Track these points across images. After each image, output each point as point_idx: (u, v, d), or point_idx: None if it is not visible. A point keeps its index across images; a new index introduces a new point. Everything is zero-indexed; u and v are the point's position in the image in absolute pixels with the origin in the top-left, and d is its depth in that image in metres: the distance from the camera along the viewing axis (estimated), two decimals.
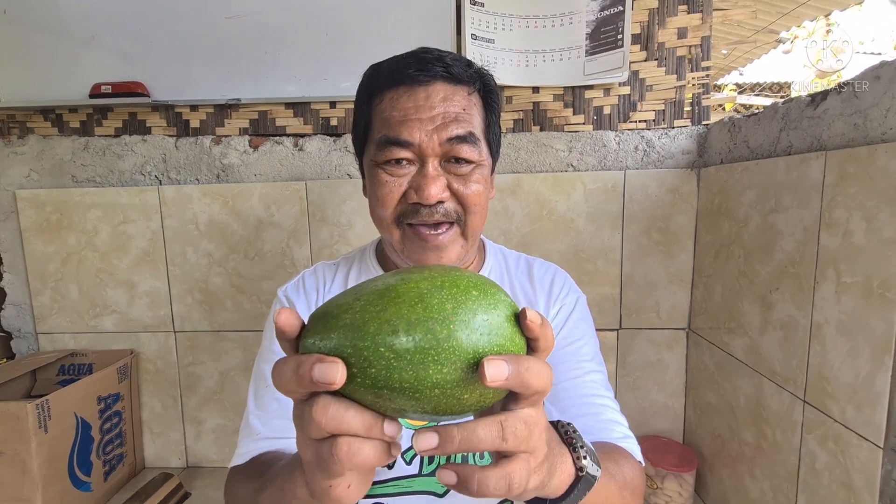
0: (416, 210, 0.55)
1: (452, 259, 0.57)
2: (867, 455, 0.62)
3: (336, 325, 0.29)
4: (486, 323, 0.29)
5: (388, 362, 0.27)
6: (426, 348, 0.27)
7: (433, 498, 0.59)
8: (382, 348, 0.27)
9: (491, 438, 0.29)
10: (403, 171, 0.55)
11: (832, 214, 0.67)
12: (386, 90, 0.56)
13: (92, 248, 1.14)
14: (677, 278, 1.10)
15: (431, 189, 0.53)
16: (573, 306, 0.66)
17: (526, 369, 0.28)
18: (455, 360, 0.28)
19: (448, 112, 0.54)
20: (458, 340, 0.28)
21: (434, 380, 0.27)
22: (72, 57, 1.11)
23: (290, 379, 0.28)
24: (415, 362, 0.27)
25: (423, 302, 0.28)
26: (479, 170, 0.57)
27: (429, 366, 0.27)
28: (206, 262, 1.14)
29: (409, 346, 0.27)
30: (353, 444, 0.28)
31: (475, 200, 0.56)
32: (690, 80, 1.10)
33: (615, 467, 0.48)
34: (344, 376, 0.27)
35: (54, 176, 1.15)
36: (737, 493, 0.92)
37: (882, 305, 0.59)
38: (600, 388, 0.61)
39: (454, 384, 0.28)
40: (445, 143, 0.54)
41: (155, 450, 1.21)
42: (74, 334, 1.18)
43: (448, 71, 0.55)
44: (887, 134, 0.60)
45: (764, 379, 0.83)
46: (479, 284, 0.31)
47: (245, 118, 1.15)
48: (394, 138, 0.54)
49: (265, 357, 0.64)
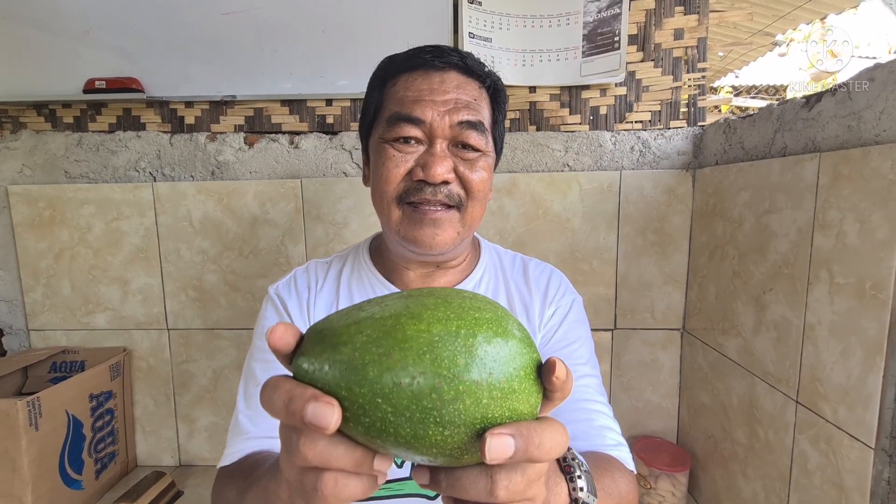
0: (419, 188, 0.55)
1: (447, 240, 0.57)
2: (858, 455, 0.62)
3: (333, 357, 0.26)
4: (501, 386, 0.26)
5: (385, 415, 0.25)
6: (429, 408, 0.24)
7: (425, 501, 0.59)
8: (380, 399, 0.24)
9: (476, 491, 0.27)
10: (411, 150, 0.56)
11: (826, 216, 0.68)
12: (401, 73, 0.58)
13: (85, 245, 1.14)
14: (672, 279, 1.11)
15: (439, 168, 0.54)
16: (569, 308, 0.66)
17: (538, 445, 0.26)
18: (459, 423, 0.25)
19: (460, 98, 0.55)
20: (465, 404, 0.25)
21: (433, 440, 0.25)
22: (66, 52, 1.10)
23: (280, 410, 0.26)
24: (414, 420, 0.25)
25: (433, 352, 0.25)
26: (484, 158, 0.58)
27: (429, 426, 0.25)
28: (200, 260, 1.13)
29: (409, 403, 0.24)
30: (340, 479, 0.27)
31: (479, 187, 0.57)
32: (686, 81, 1.10)
33: (611, 483, 0.48)
34: (338, 422, 0.25)
35: (47, 171, 1.14)
36: (729, 493, 0.93)
37: (874, 306, 0.59)
38: (594, 392, 0.61)
39: (454, 447, 0.25)
40: (456, 126, 0.55)
41: (147, 448, 1.21)
42: (66, 331, 1.17)
43: (463, 61, 0.57)
44: (881, 136, 0.61)
45: (757, 379, 0.84)
46: (499, 333, 0.27)
47: (240, 115, 1.15)
48: (406, 115, 0.54)
49: (255, 356, 0.63)
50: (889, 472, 0.58)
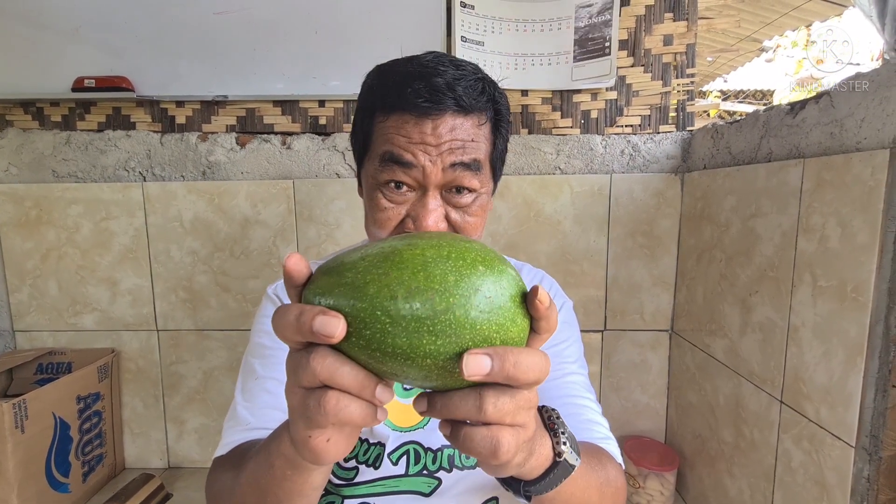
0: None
1: None
2: (840, 454, 0.64)
3: (338, 282, 0.29)
4: (488, 300, 0.28)
5: (384, 326, 0.27)
6: (422, 318, 0.27)
7: (419, 497, 0.60)
8: (379, 312, 0.27)
9: (467, 408, 0.29)
10: (402, 199, 0.54)
11: (809, 220, 0.69)
12: (392, 112, 0.54)
13: (72, 245, 1.12)
14: (661, 281, 1.12)
15: (429, 220, 0.53)
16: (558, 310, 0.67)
17: (514, 364, 0.28)
18: (451, 333, 0.27)
19: (455, 140, 0.53)
20: (455, 315, 0.27)
21: (427, 350, 0.27)
22: (54, 49, 1.09)
23: (290, 324, 0.28)
24: (409, 330, 0.27)
25: (426, 271, 0.28)
26: (478, 199, 0.56)
27: (423, 335, 0.27)
28: (190, 260, 1.13)
29: (405, 313, 0.27)
30: (342, 399, 0.29)
31: (471, 231, 0.56)
32: (676, 86, 1.12)
33: (598, 465, 0.49)
34: (344, 331, 0.27)
35: (34, 170, 1.13)
36: (716, 491, 0.94)
37: (855, 309, 0.61)
38: (582, 389, 0.62)
39: (447, 357, 0.28)
40: (448, 168, 0.53)
41: (136, 450, 1.19)
42: (53, 332, 1.15)
43: (458, 103, 0.53)
44: (861, 143, 0.62)
45: (743, 380, 0.85)
46: (486, 259, 0.30)
47: (232, 115, 1.14)
48: (397, 157, 0.52)
49: (255, 353, 0.63)
50: (869, 470, 0.60)
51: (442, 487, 0.59)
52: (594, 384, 1.16)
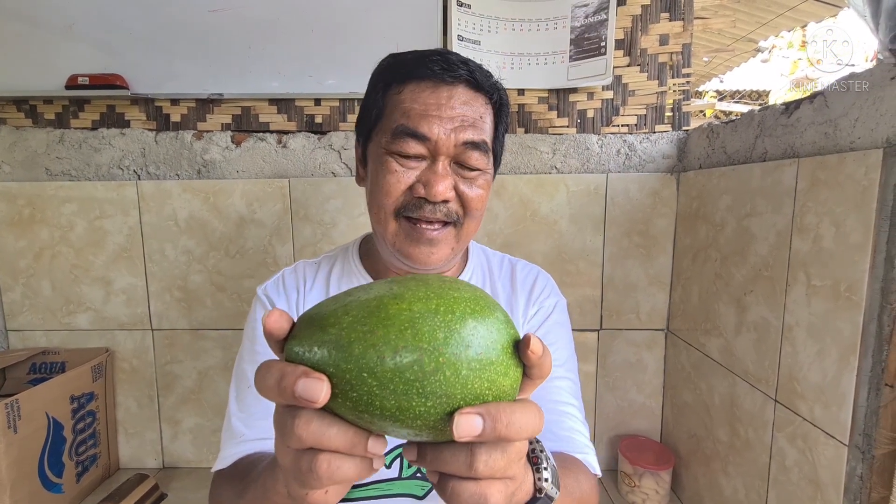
0: (419, 204, 0.55)
1: (441, 257, 0.57)
2: (833, 452, 0.64)
3: (322, 338, 0.27)
4: (479, 357, 0.27)
5: (371, 389, 0.26)
6: (411, 380, 0.26)
7: (413, 501, 0.60)
8: (366, 373, 0.26)
9: (457, 465, 0.28)
10: (414, 165, 0.55)
11: (803, 220, 0.70)
12: (408, 81, 0.56)
13: (66, 244, 1.11)
14: (657, 280, 1.12)
15: (440, 186, 0.54)
16: (551, 309, 0.67)
17: (507, 424, 0.27)
18: (441, 394, 0.26)
19: (467, 116, 0.55)
20: (445, 375, 0.26)
21: (417, 411, 0.26)
22: (47, 46, 1.08)
23: (272, 388, 0.27)
24: (398, 392, 0.26)
25: (414, 328, 0.27)
26: (483, 177, 0.58)
27: (412, 397, 0.26)
28: (185, 260, 1.12)
29: (393, 375, 0.26)
30: (334, 461, 0.28)
31: (477, 205, 0.57)
32: (671, 86, 1.12)
33: (574, 483, 0.49)
34: (328, 396, 0.26)
35: (27, 168, 1.12)
36: (711, 490, 0.95)
37: (849, 308, 0.61)
38: (566, 394, 0.61)
39: (437, 417, 0.27)
40: (460, 145, 0.54)
41: (130, 450, 1.19)
42: (46, 332, 1.14)
43: (472, 76, 0.56)
44: (855, 143, 0.63)
45: (738, 379, 0.86)
46: (476, 310, 0.29)
47: (227, 113, 1.14)
48: (412, 130, 0.54)
49: (246, 357, 0.63)
50: (862, 469, 0.60)
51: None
52: (590, 384, 1.16)
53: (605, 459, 1.18)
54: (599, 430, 1.17)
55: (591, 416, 1.17)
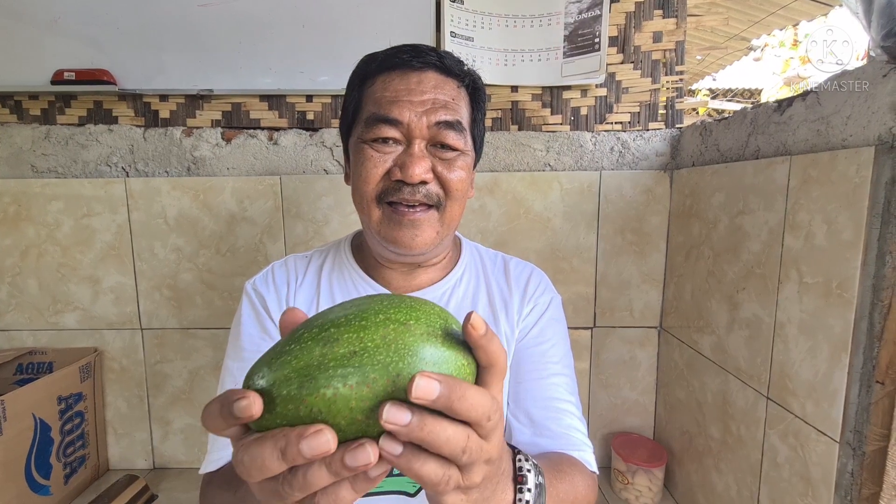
0: (398, 188, 0.55)
1: (426, 240, 0.57)
2: (824, 449, 0.64)
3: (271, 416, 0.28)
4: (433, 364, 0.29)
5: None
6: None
7: (404, 497, 0.59)
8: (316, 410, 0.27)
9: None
10: (389, 150, 0.56)
11: (796, 217, 0.70)
12: (379, 74, 0.58)
13: (53, 242, 1.10)
14: (650, 278, 1.13)
15: (416, 168, 0.54)
16: (546, 306, 0.67)
17: (460, 397, 0.27)
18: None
19: (438, 98, 0.56)
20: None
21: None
22: (32, 41, 1.06)
23: (275, 462, 0.26)
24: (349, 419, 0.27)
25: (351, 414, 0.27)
26: (462, 158, 0.58)
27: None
28: (175, 258, 1.11)
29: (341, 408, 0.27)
30: (329, 492, 0.27)
31: (457, 186, 0.57)
32: (665, 83, 1.12)
33: (569, 488, 0.49)
34: (333, 439, 0.26)
35: (12, 165, 1.10)
36: (703, 487, 0.95)
37: (840, 305, 0.61)
38: (563, 391, 0.61)
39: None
40: (434, 126, 0.55)
41: (120, 451, 1.17)
42: (33, 331, 1.13)
43: (441, 62, 0.57)
44: (847, 141, 0.63)
45: (730, 376, 0.86)
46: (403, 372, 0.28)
47: (218, 110, 1.12)
48: (383, 116, 0.54)
49: (232, 354, 0.62)
50: (853, 465, 0.61)
51: None
52: (583, 381, 1.16)
53: (599, 457, 1.18)
54: (593, 427, 1.17)
55: (585, 414, 1.17)
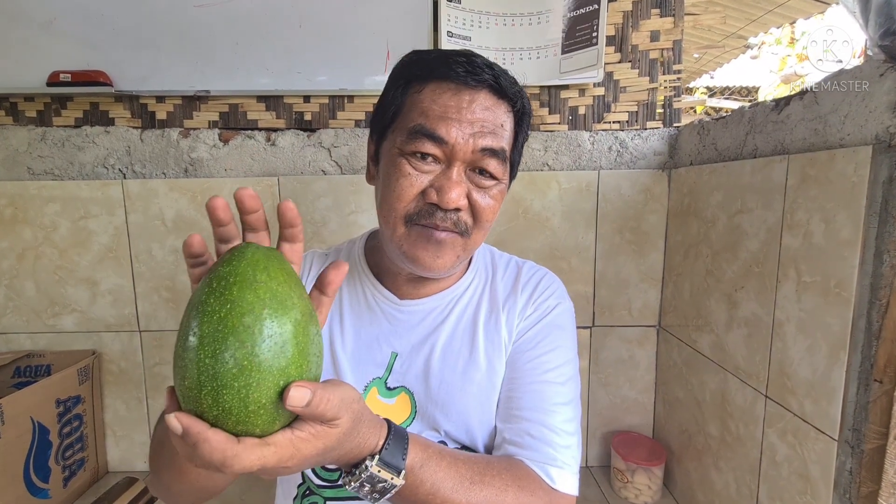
0: (430, 212, 0.54)
1: (446, 263, 0.56)
2: (823, 447, 0.64)
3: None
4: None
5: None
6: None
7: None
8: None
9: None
10: (427, 168, 0.54)
11: (794, 216, 0.70)
12: (429, 81, 0.55)
13: (50, 244, 1.09)
14: (648, 277, 1.13)
15: (453, 192, 0.52)
16: (548, 311, 0.64)
17: (327, 401, 0.34)
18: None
19: (487, 122, 0.53)
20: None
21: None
22: (28, 42, 1.05)
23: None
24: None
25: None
26: (498, 187, 0.57)
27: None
28: (173, 259, 1.10)
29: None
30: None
31: (487, 216, 0.56)
32: (662, 82, 1.12)
33: (481, 496, 0.48)
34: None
35: (8, 167, 1.09)
36: (702, 485, 0.95)
37: (838, 304, 0.62)
38: (552, 401, 0.58)
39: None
40: (478, 151, 0.53)
41: (119, 453, 1.17)
42: (31, 334, 1.12)
43: (496, 81, 0.54)
44: (845, 139, 0.63)
45: (729, 375, 0.86)
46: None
47: (215, 111, 1.12)
48: (430, 131, 0.52)
49: None
50: (851, 463, 0.61)
51: None
52: (583, 381, 1.15)
53: (598, 455, 1.18)
54: (592, 426, 1.17)
55: (584, 413, 1.17)
